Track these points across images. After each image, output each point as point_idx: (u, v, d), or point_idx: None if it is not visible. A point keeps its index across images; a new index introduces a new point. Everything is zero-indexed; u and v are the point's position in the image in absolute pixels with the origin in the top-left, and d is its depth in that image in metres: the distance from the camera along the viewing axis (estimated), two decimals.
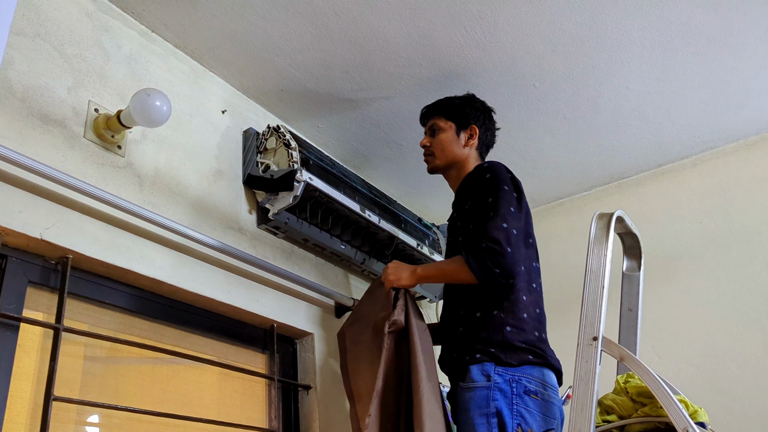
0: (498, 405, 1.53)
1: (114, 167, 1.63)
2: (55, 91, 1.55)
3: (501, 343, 1.60)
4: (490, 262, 1.59)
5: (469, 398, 1.57)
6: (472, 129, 1.94)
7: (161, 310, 1.73)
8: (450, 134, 1.93)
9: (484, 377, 1.57)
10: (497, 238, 1.61)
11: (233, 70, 2.11)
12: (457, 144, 1.92)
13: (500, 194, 1.70)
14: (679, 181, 2.77)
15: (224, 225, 1.91)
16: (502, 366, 1.58)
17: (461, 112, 1.95)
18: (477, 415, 1.54)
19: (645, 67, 2.21)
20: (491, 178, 1.74)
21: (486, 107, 2.02)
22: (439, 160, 1.94)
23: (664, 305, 2.61)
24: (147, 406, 1.62)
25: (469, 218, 1.74)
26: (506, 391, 1.56)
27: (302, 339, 2.14)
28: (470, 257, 1.62)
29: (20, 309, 1.38)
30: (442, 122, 1.95)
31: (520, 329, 1.63)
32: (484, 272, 1.60)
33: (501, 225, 1.63)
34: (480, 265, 1.60)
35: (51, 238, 1.41)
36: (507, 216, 1.66)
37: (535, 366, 1.61)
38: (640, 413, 1.51)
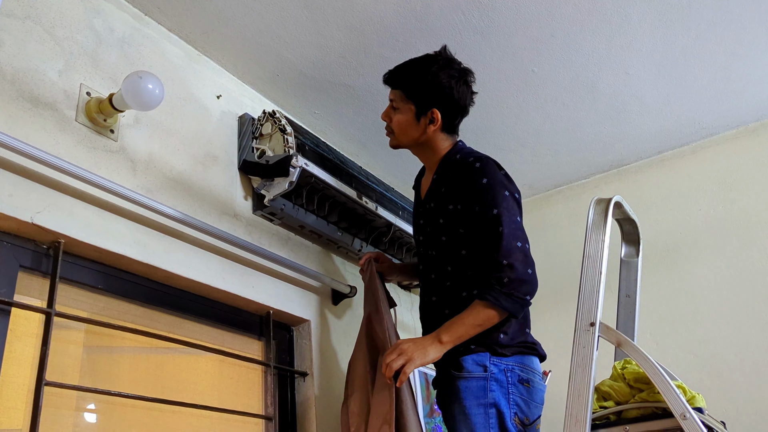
0: (495, 396, 1.52)
1: (107, 151, 1.61)
2: (46, 74, 1.53)
3: (495, 342, 1.57)
4: (519, 293, 1.51)
5: (464, 387, 1.54)
6: (433, 114, 1.70)
7: (155, 296, 1.72)
8: (408, 118, 1.72)
9: (480, 367, 1.55)
10: (515, 266, 1.51)
11: (228, 54, 2.08)
12: (416, 129, 1.73)
13: (503, 204, 1.58)
14: (678, 169, 2.75)
15: (219, 211, 1.90)
16: (496, 356, 1.56)
17: (423, 94, 1.70)
18: (474, 406, 1.52)
19: (645, 53, 2.19)
20: (488, 185, 1.60)
21: (455, 76, 1.71)
22: (396, 141, 1.78)
23: (663, 292, 2.60)
24: (143, 392, 1.61)
25: (461, 223, 1.64)
26: (502, 380, 1.54)
27: (299, 326, 2.13)
28: (499, 297, 1.50)
29: (11, 293, 1.37)
30: (402, 102, 1.73)
31: (513, 335, 1.59)
32: (519, 306, 1.53)
33: (515, 245, 1.54)
34: (513, 302, 1.51)
35: (42, 222, 1.40)
36: (516, 231, 1.57)
37: (525, 354, 1.60)
38: (637, 399, 1.50)
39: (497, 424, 1.49)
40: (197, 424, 1.76)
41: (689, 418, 1.35)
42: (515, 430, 1.50)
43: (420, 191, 1.86)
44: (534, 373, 1.59)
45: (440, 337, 1.54)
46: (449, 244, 1.67)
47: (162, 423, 1.67)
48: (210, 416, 1.78)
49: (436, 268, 1.71)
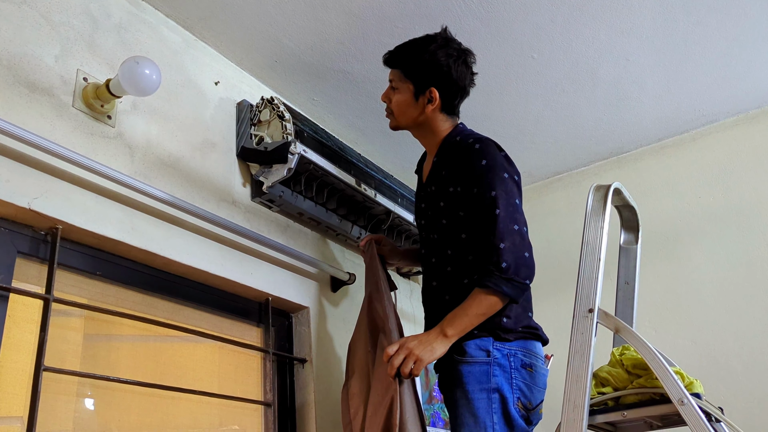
0: (498, 381, 1.51)
1: (104, 137, 1.60)
2: (43, 59, 1.52)
3: (498, 326, 1.57)
4: (519, 278, 1.51)
5: (467, 372, 1.53)
6: (431, 92, 1.69)
7: (154, 282, 1.72)
8: (407, 97, 1.71)
9: (483, 352, 1.54)
10: (512, 250, 1.51)
11: (226, 40, 2.07)
12: (414, 108, 1.71)
13: (501, 186, 1.57)
14: (678, 156, 2.75)
15: (218, 198, 1.89)
16: (499, 341, 1.55)
17: (421, 72, 1.69)
18: (476, 390, 1.51)
19: (646, 38, 2.18)
20: (488, 166, 1.59)
21: (453, 55, 1.70)
22: (396, 122, 1.77)
23: (662, 280, 2.60)
24: (141, 379, 1.62)
25: (461, 206, 1.64)
26: (505, 365, 1.54)
27: (298, 313, 2.13)
28: (500, 283, 1.49)
29: (9, 279, 1.37)
30: (400, 81, 1.72)
31: (516, 318, 1.59)
32: (520, 291, 1.52)
33: (512, 228, 1.53)
34: (513, 287, 1.50)
35: (39, 208, 1.40)
36: (514, 213, 1.56)
37: (528, 340, 1.60)
38: (635, 384, 1.50)
39: (500, 408, 1.49)
40: (196, 410, 1.76)
41: (687, 404, 1.35)
42: (518, 414, 1.50)
43: (422, 176, 1.85)
44: (537, 358, 1.59)
45: (445, 330, 1.52)
46: (449, 228, 1.66)
47: (161, 409, 1.67)
48: (209, 402, 1.79)
49: (436, 253, 1.70)
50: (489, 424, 1.49)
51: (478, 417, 1.49)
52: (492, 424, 1.49)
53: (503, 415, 1.50)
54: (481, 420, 1.49)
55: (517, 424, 1.50)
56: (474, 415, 1.49)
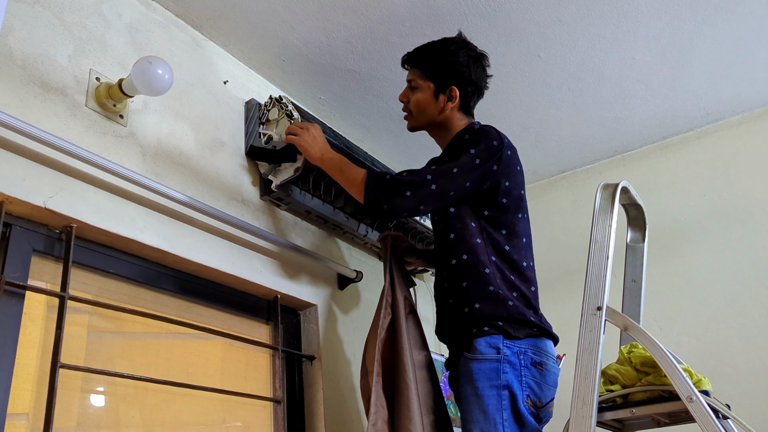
0: (508, 378, 1.52)
1: (116, 137, 1.62)
2: (56, 59, 1.53)
3: (506, 318, 1.58)
4: (387, 194, 1.62)
5: (476, 369, 1.55)
6: (451, 91, 1.75)
7: (165, 280, 1.73)
8: (427, 96, 1.77)
9: (493, 350, 1.55)
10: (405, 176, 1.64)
11: (234, 40, 2.08)
12: (434, 107, 1.77)
13: (458, 158, 1.62)
14: (683, 154, 2.76)
15: (227, 196, 1.90)
16: (509, 339, 1.57)
17: (441, 72, 1.75)
18: (486, 387, 1.52)
19: (651, 37, 2.19)
20: (468, 140, 1.66)
21: (472, 56, 1.77)
22: (415, 122, 1.82)
23: (667, 277, 2.61)
24: (152, 376, 1.63)
25: None
26: (515, 363, 1.55)
27: (306, 310, 2.14)
28: (375, 177, 1.66)
29: (25, 278, 1.38)
30: (421, 80, 1.77)
31: (518, 302, 1.60)
32: (374, 200, 1.63)
33: (426, 177, 1.62)
34: (376, 191, 1.63)
35: (54, 206, 1.41)
36: (440, 177, 1.61)
37: (538, 338, 1.61)
38: (643, 382, 1.52)
39: (509, 405, 1.50)
40: (206, 407, 1.78)
41: (696, 401, 1.36)
42: (527, 412, 1.51)
43: None
44: (547, 356, 1.60)
45: (325, 153, 1.80)
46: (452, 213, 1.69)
47: (170, 406, 1.69)
48: (219, 399, 1.80)
49: (441, 240, 1.73)
50: (499, 421, 1.50)
51: (488, 414, 1.50)
52: (502, 421, 1.50)
53: (513, 412, 1.51)
54: (491, 417, 1.50)
55: (527, 421, 1.51)
56: (484, 411, 1.51)
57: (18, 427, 1.35)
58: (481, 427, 1.51)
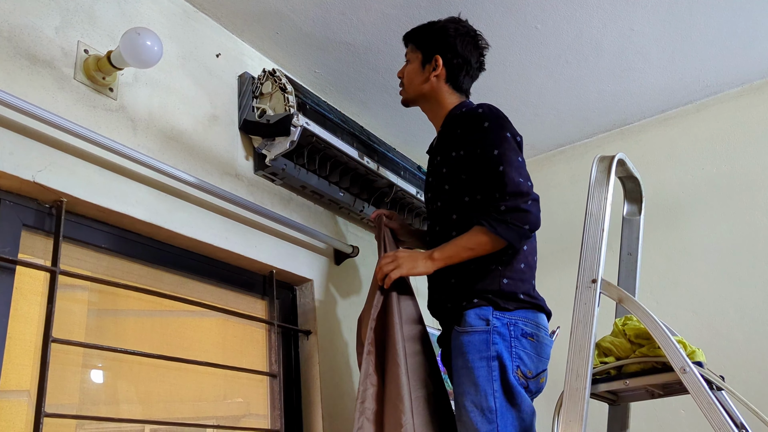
0: (498, 348, 1.52)
1: (106, 110, 1.60)
2: (43, 31, 1.51)
3: (497, 292, 1.58)
4: (518, 221, 1.52)
5: (467, 342, 1.55)
6: (436, 60, 1.76)
7: (159, 255, 1.72)
8: (415, 66, 1.80)
9: (482, 321, 1.55)
10: (518, 192, 1.54)
11: (227, 12, 2.05)
12: (420, 76, 1.78)
13: (505, 144, 1.60)
14: (682, 127, 2.73)
15: (221, 171, 1.89)
16: (499, 310, 1.56)
17: (428, 41, 1.78)
18: (476, 359, 1.53)
19: (650, 8, 2.15)
20: (489, 127, 1.62)
21: (461, 30, 1.78)
22: (406, 93, 1.83)
23: (665, 251, 2.60)
24: (148, 351, 1.63)
25: (463, 168, 1.66)
26: (505, 334, 1.55)
27: (302, 285, 2.14)
28: (494, 224, 1.52)
29: (15, 252, 1.37)
30: (412, 53, 1.82)
31: (516, 280, 1.60)
32: (515, 235, 1.53)
33: (517, 180, 1.55)
34: (509, 229, 1.52)
35: (44, 180, 1.40)
36: (519, 168, 1.58)
37: (529, 309, 1.60)
38: (637, 354, 1.52)
39: (499, 376, 1.50)
40: (203, 382, 1.78)
41: (689, 372, 1.36)
42: (517, 382, 1.51)
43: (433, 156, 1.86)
44: (538, 328, 1.60)
45: (432, 254, 1.60)
46: (452, 192, 1.68)
47: (168, 380, 1.69)
48: (215, 373, 1.81)
49: (441, 220, 1.72)
50: (490, 392, 1.50)
51: (478, 385, 1.50)
52: (492, 392, 1.50)
53: (503, 382, 1.51)
54: (481, 388, 1.50)
55: (517, 391, 1.51)
56: (475, 383, 1.51)
57: (19, 404, 1.35)
58: (472, 399, 1.51)
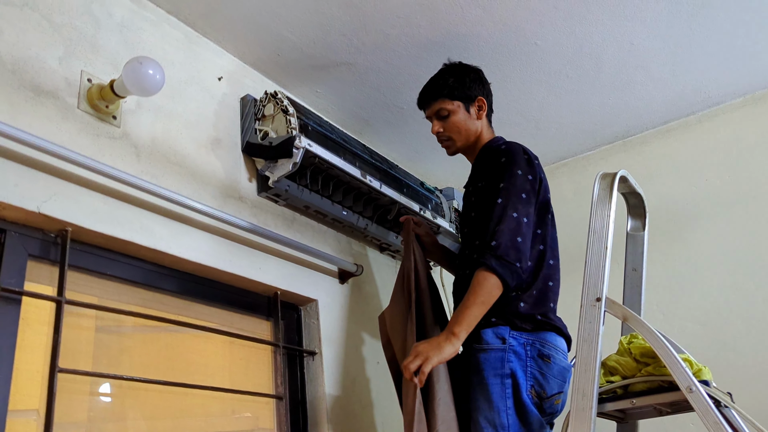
0: (512, 367, 1.56)
1: (110, 138, 1.61)
2: (46, 62, 1.52)
3: (515, 313, 1.62)
4: (509, 258, 1.55)
5: (483, 359, 1.59)
6: (479, 101, 1.88)
7: (164, 280, 1.73)
8: (461, 114, 1.86)
9: (498, 340, 1.60)
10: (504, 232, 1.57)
11: (228, 35, 2.07)
12: (470, 121, 1.87)
13: (510, 179, 1.66)
14: (684, 139, 2.73)
15: (224, 194, 1.90)
16: (516, 330, 1.60)
17: (463, 89, 1.87)
18: (491, 376, 1.56)
19: (650, 22, 2.16)
20: (505, 162, 1.70)
21: (478, 71, 1.94)
22: (459, 142, 1.88)
23: (669, 263, 2.60)
24: (154, 375, 1.64)
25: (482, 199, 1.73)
26: (521, 353, 1.58)
27: (306, 305, 2.14)
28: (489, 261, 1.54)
29: (21, 283, 1.38)
30: (449, 104, 1.86)
31: (533, 304, 1.64)
32: (510, 272, 1.54)
33: (509, 214, 1.60)
34: (503, 266, 1.54)
35: (49, 211, 1.41)
36: (517, 203, 1.62)
37: (547, 331, 1.63)
38: (643, 373, 1.51)
39: (512, 394, 1.54)
40: (209, 405, 1.78)
41: (695, 391, 1.36)
42: (531, 401, 1.54)
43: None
44: (555, 350, 1.61)
45: (452, 329, 1.54)
46: (476, 220, 1.74)
47: (174, 405, 1.70)
48: (222, 397, 1.81)
49: (468, 244, 1.78)
50: (502, 408, 1.53)
51: (492, 402, 1.54)
52: (505, 409, 1.54)
53: (516, 400, 1.55)
54: (494, 404, 1.54)
55: (529, 410, 1.53)
56: (488, 399, 1.55)
57: (28, 423, 1.36)
58: (485, 415, 1.55)
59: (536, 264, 1.70)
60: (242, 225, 1.85)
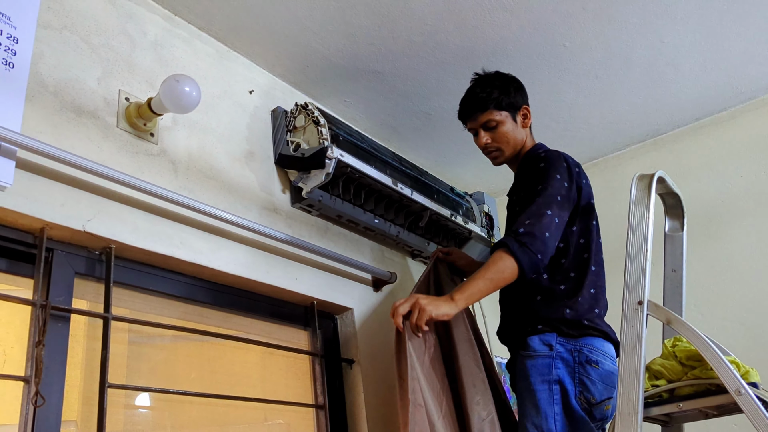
0: (560, 373, 1.57)
1: (148, 155, 1.64)
2: (86, 83, 1.55)
3: (561, 320, 1.63)
4: (533, 247, 1.56)
5: (530, 366, 1.60)
6: (524, 110, 1.89)
7: (203, 293, 1.75)
8: (509, 124, 1.86)
9: (545, 346, 1.61)
10: (534, 223, 1.59)
11: (258, 49, 2.09)
12: (517, 130, 1.87)
13: (549, 182, 1.68)
14: (717, 135, 2.70)
15: (259, 206, 1.92)
16: (563, 336, 1.61)
17: (509, 99, 1.86)
18: (538, 382, 1.57)
19: (680, 19, 2.14)
20: (544, 167, 1.72)
21: (518, 80, 1.93)
22: (507, 152, 1.88)
23: (706, 262, 2.56)
24: (196, 387, 1.66)
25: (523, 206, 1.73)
26: (568, 360, 1.59)
27: (342, 314, 2.15)
28: (511, 244, 1.56)
29: (69, 300, 1.41)
30: (497, 115, 1.85)
31: (579, 310, 1.64)
32: (529, 261, 1.55)
33: (544, 211, 1.62)
34: (524, 253, 1.55)
35: (93, 229, 1.43)
36: (552, 203, 1.64)
37: (594, 337, 1.63)
38: (689, 376, 1.49)
39: (560, 400, 1.55)
40: (250, 416, 1.80)
41: (744, 394, 1.34)
42: (579, 407, 1.54)
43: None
44: (603, 355, 1.61)
45: (453, 295, 1.58)
46: None
47: (216, 416, 1.72)
48: (262, 407, 1.82)
49: None
50: (550, 414, 1.54)
51: (539, 408, 1.55)
52: (553, 414, 1.54)
53: (564, 406, 1.55)
54: (542, 410, 1.55)
55: (578, 416, 1.53)
56: (536, 405, 1.56)
57: None
58: (533, 420, 1.56)
59: (580, 272, 1.70)
60: (278, 236, 1.86)
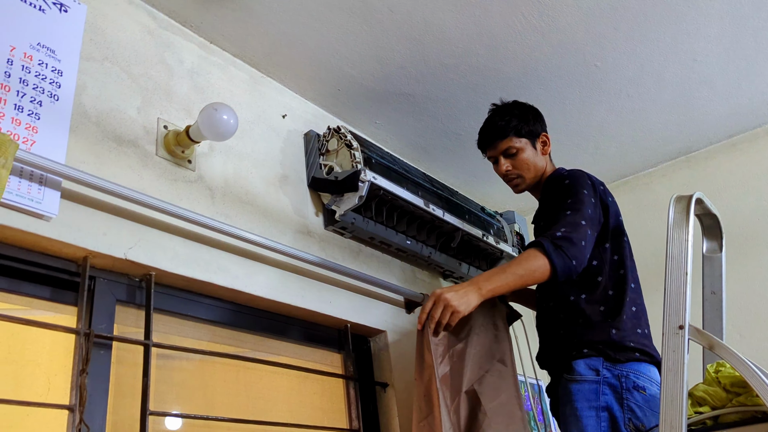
0: (608, 399, 1.54)
1: (186, 182, 1.66)
2: (126, 112, 1.58)
3: (607, 342, 1.60)
4: (568, 252, 1.55)
5: (575, 390, 1.57)
6: (543, 136, 1.90)
7: (240, 318, 1.77)
8: (529, 150, 1.87)
9: (592, 371, 1.58)
10: (569, 229, 1.58)
11: (290, 74, 2.11)
12: (537, 157, 1.88)
13: (578, 196, 1.68)
14: (752, 152, 2.66)
15: (293, 230, 1.93)
16: (610, 362, 1.58)
17: (528, 126, 1.88)
18: (585, 408, 1.54)
19: (713, 38, 2.12)
20: (570, 184, 1.73)
21: (536, 109, 1.94)
22: (528, 178, 1.88)
23: (744, 281, 2.51)
24: (231, 411, 1.66)
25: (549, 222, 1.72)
26: (616, 386, 1.56)
27: (375, 337, 2.15)
28: (546, 245, 1.54)
29: (111, 328, 1.43)
30: (517, 142, 1.86)
31: (625, 330, 1.62)
32: (563, 265, 1.54)
33: (578, 221, 1.61)
34: (558, 256, 1.54)
35: (134, 257, 1.45)
36: (584, 215, 1.63)
37: (641, 362, 1.60)
38: (734, 403, 1.46)
39: (609, 427, 1.51)
40: None
41: None
42: None
43: None
44: (650, 381, 1.59)
45: (479, 284, 1.54)
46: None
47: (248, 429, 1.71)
48: None
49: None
50: None
51: None
52: None
53: None
54: None
55: None
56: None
57: None
58: None
59: (619, 289, 1.68)
60: (312, 260, 1.87)
